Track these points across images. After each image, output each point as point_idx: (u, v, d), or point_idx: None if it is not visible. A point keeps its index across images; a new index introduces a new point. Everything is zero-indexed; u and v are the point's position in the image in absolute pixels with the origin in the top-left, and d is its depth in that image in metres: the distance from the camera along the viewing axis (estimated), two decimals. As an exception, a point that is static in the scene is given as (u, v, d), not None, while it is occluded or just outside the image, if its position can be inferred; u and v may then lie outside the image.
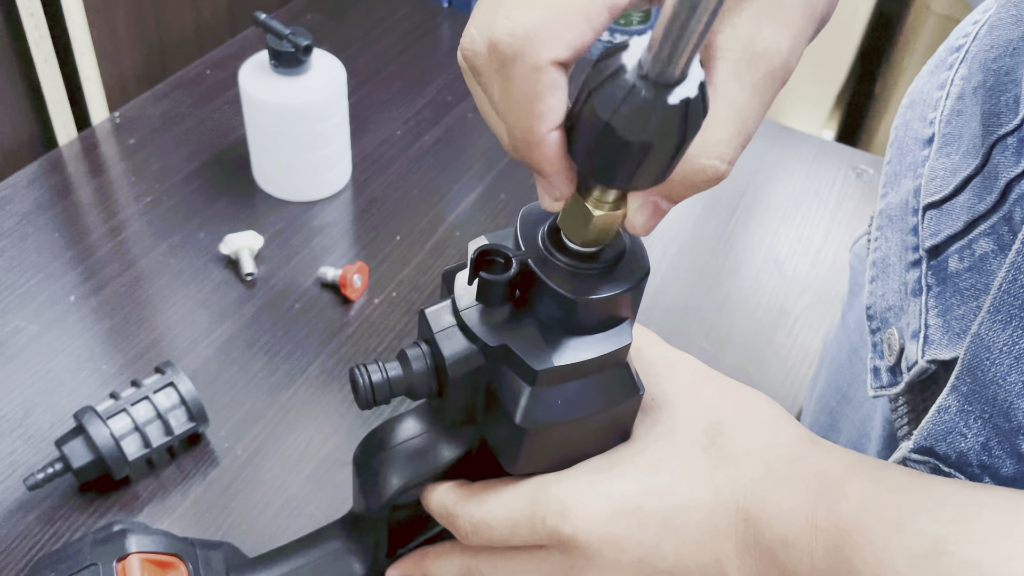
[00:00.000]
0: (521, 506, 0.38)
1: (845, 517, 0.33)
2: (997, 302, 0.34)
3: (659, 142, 0.28)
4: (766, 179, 0.97)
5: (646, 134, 0.27)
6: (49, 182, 0.87)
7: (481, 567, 0.41)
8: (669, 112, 0.27)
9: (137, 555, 0.44)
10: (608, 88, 0.27)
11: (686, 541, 0.36)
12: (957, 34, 0.48)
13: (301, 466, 0.66)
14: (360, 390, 0.37)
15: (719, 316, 0.81)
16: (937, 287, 0.41)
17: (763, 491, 0.36)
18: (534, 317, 0.36)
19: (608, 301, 0.35)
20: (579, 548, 0.37)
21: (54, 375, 0.70)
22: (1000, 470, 0.36)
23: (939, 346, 0.40)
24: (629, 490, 0.37)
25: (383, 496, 0.42)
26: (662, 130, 0.27)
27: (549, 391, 0.36)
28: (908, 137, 0.49)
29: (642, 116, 0.27)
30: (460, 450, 0.42)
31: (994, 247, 0.37)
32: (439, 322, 0.37)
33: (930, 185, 0.44)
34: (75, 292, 0.77)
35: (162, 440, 0.63)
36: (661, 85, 0.27)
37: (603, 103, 0.28)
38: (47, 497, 0.63)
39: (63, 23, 0.87)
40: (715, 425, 0.38)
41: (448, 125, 0.99)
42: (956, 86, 0.45)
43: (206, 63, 1.04)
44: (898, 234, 0.47)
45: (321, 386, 0.72)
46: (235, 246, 0.80)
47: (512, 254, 0.35)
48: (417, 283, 0.81)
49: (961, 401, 0.37)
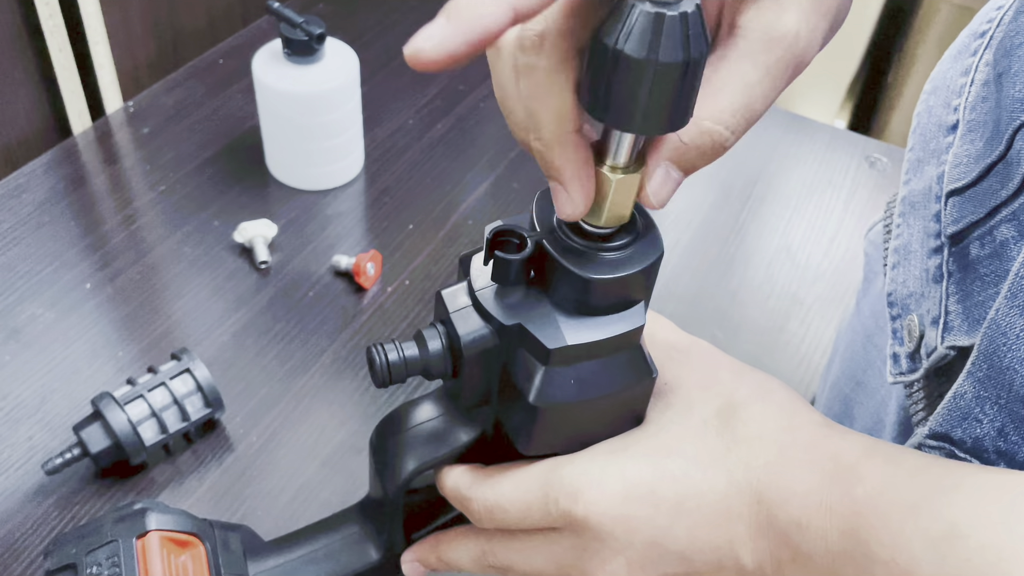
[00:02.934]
0: (534, 488, 0.38)
1: (860, 500, 0.33)
2: (1015, 288, 0.34)
3: (664, 56, 0.28)
4: (779, 168, 0.96)
5: (652, 50, 0.28)
6: (64, 171, 0.88)
7: (495, 550, 0.42)
8: (670, 23, 0.28)
9: (157, 532, 0.44)
10: (612, 16, 0.29)
11: (699, 523, 0.37)
12: (980, 19, 0.48)
13: (315, 452, 0.67)
14: (377, 368, 0.38)
15: (732, 305, 0.81)
16: (958, 274, 0.41)
17: (777, 474, 0.36)
18: (548, 297, 0.36)
19: (621, 281, 0.35)
20: (592, 530, 0.37)
21: (71, 361, 0.71)
22: (1016, 456, 0.36)
23: (959, 332, 0.40)
24: (642, 472, 0.37)
25: (398, 478, 0.42)
26: (667, 44, 0.28)
27: (563, 371, 0.36)
28: (931, 124, 0.49)
29: (644, 31, 0.28)
30: (475, 433, 0.42)
31: (1015, 233, 0.37)
32: (455, 302, 0.38)
33: (953, 172, 0.43)
34: (91, 280, 0.78)
35: (179, 426, 0.64)
36: (662, 3, 0.28)
37: (608, 31, 0.29)
38: (65, 482, 0.64)
39: (77, 12, 0.87)
40: (729, 408, 0.38)
41: (460, 114, 0.99)
42: (981, 72, 0.45)
43: (219, 52, 1.04)
44: (920, 221, 0.46)
45: (335, 373, 0.72)
46: (249, 234, 0.80)
47: (527, 234, 0.35)
48: (430, 271, 0.81)
49: (977, 387, 0.37)
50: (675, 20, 0.28)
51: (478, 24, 0.27)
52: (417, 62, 0.27)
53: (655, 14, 0.28)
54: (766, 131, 1.00)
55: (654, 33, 0.28)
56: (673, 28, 0.28)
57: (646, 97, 0.29)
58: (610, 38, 0.29)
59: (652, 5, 0.28)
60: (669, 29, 0.28)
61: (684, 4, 0.28)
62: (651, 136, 0.33)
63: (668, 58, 0.29)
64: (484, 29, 0.27)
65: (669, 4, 0.28)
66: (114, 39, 0.94)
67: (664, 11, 0.28)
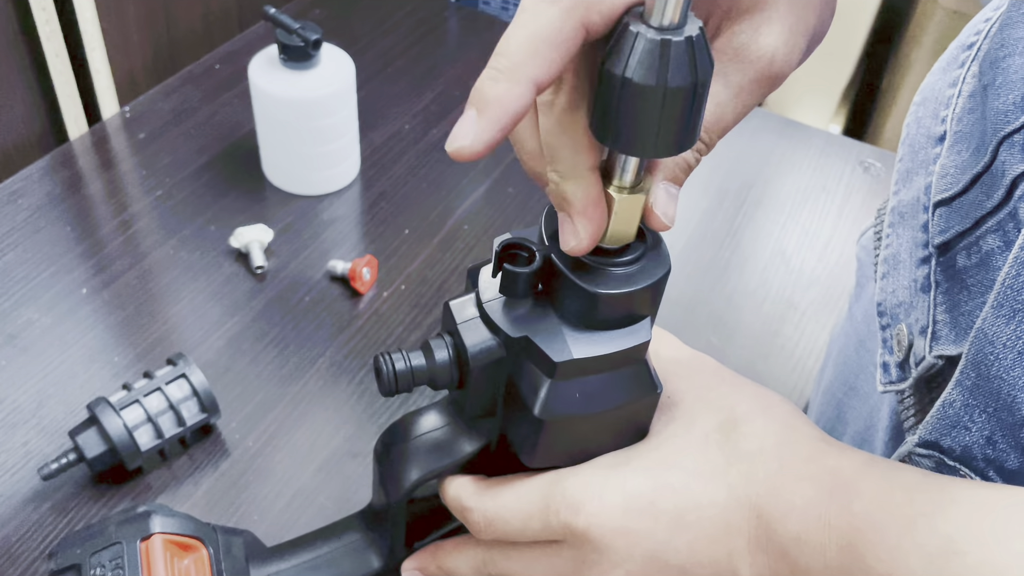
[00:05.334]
0: (535, 500, 0.39)
1: (858, 515, 0.33)
2: (1001, 297, 0.35)
3: (673, 81, 0.29)
4: (773, 173, 0.97)
5: (660, 76, 0.29)
6: (60, 176, 0.88)
7: (495, 559, 0.42)
8: (677, 49, 0.28)
9: (160, 535, 0.45)
10: (617, 45, 0.29)
11: (699, 537, 0.37)
12: (969, 31, 0.49)
13: (311, 458, 0.67)
14: (384, 377, 0.38)
15: (726, 310, 0.81)
16: (945, 284, 0.41)
17: (776, 488, 0.36)
18: (556, 311, 0.37)
19: (628, 297, 0.35)
20: (592, 542, 0.37)
21: (67, 367, 0.71)
22: (1005, 464, 0.36)
23: (946, 342, 0.40)
24: (643, 485, 0.37)
25: (402, 487, 0.43)
26: (675, 70, 0.29)
27: (568, 384, 0.37)
28: (920, 134, 0.49)
29: (651, 57, 0.28)
30: (479, 443, 0.42)
31: (1000, 243, 0.38)
32: (462, 314, 0.38)
33: (941, 182, 0.44)
34: (87, 285, 0.78)
35: (174, 431, 0.64)
36: (664, 29, 0.28)
37: (615, 60, 0.29)
38: (61, 487, 0.64)
39: (74, 18, 0.88)
40: (730, 422, 0.38)
41: (456, 119, 0.99)
42: (968, 84, 0.45)
43: (216, 57, 1.04)
44: (909, 231, 0.47)
45: (331, 378, 0.73)
46: (245, 239, 0.80)
47: (536, 248, 0.36)
48: (426, 276, 0.82)
49: (966, 395, 0.37)
50: (681, 46, 0.28)
51: (506, 111, 0.29)
52: (460, 157, 0.30)
53: (661, 41, 0.28)
54: (760, 136, 1.00)
55: (662, 60, 0.28)
56: (680, 54, 0.28)
57: (655, 122, 0.30)
58: (617, 67, 0.29)
59: (656, 32, 0.28)
60: (676, 55, 0.28)
61: (688, 28, 0.29)
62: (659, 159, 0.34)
63: (677, 83, 0.29)
64: (513, 114, 0.29)
65: (673, 29, 0.28)
66: (110, 44, 0.94)
67: (670, 37, 0.28)
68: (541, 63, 0.29)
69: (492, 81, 0.29)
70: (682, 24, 0.28)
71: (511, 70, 0.29)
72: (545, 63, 0.29)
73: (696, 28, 0.29)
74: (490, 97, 0.29)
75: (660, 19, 0.28)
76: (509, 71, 0.29)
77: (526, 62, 0.29)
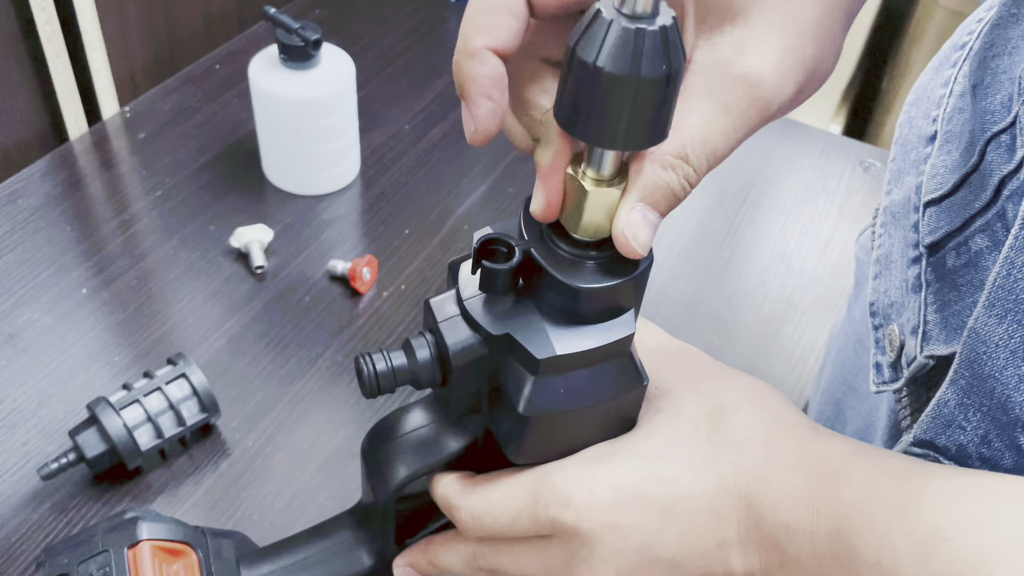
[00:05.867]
0: (523, 495, 0.39)
1: (847, 502, 0.33)
2: (992, 297, 0.35)
3: (647, 71, 0.28)
4: (773, 173, 0.97)
5: (633, 65, 0.28)
6: (60, 176, 0.88)
7: (485, 553, 0.42)
8: (650, 37, 0.28)
9: (148, 542, 0.44)
10: (588, 32, 0.29)
11: (688, 527, 0.37)
12: (961, 32, 0.49)
13: (311, 457, 0.67)
14: (364, 378, 0.38)
15: (726, 309, 0.81)
16: (936, 283, 0.42)
17: (765, 477, 0.36)
18: (537, 306, 0.36)
19: (610, 290, 0.35)
20: (581, 536, 0.37)
21: (67, 366, 0.71)
22: (1000, 463, 0.36)
23: (937, 342, 0.40)
24: (631, 477, 0.37)
25: (390, 485, 0.42)
26: (648, 57, 0.28)
27: (552, 380, 0.36)
28: (912, 134, 0.49)
29: (624, 45, 0.28)
30: (466, 440, 0.42)
31: (989, 243, 0.38)
32: (443, 311, 0.37)
33: (931, 182, 0.44)
34: (87, 285, 0.78)
35: (174, 431, 0.64)
36: (637, 17, 0.28)
37: (587, 47, 0.29)
38: (61, 487, 0.64)
39: (74, 18, 0.88)
40: (718, 412, 0.38)
41: (456, 119, 0.99)
42: (959, 84, 0.45)
43: (216, 57, 1.05)
44: (901, 231, 0.47)
45: (331, 378, 0.73)
46: (245, 239, 0.80)
47: (515, 243, 0.35)
48: (426, 276, 0.82)
49: (960, 394, 0.37)
50: (656, 35, 0.28)
51: (480, 85, 0.31)
52: (477, 143, 0.33)
53: (635, 30, 0.28)
54: (760, 136, 1.00)
55: (635, 49, 0.28)
56: (654, 43, 0.28)
57: (627, 113, 0.29)
58: (588, 55, 0.29)
59: (629, 20, 0.28)
60: (650, 44, 0.28)
61: (660, 18, 0.28)
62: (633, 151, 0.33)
63: (650, 73, 0.28)
64: (486, 84, 0.32)
65: (645, 17, 0.28)
66: (111, 44, 0.94)
67: (644, 26, 0.28)
68: (490, 30, 0.31)
69: (457, 65, 0.32)
70: (655, 13, 0.28)
71: (465, 47, 0.31)
72: (493, 29, 0.31)
73: (669, 18, 0.28)
74: (461, 79, 0.32)
75: (633, 6, 0.28)
76: (463, 49, 0.31)
77: (476, 33, 0.31)
